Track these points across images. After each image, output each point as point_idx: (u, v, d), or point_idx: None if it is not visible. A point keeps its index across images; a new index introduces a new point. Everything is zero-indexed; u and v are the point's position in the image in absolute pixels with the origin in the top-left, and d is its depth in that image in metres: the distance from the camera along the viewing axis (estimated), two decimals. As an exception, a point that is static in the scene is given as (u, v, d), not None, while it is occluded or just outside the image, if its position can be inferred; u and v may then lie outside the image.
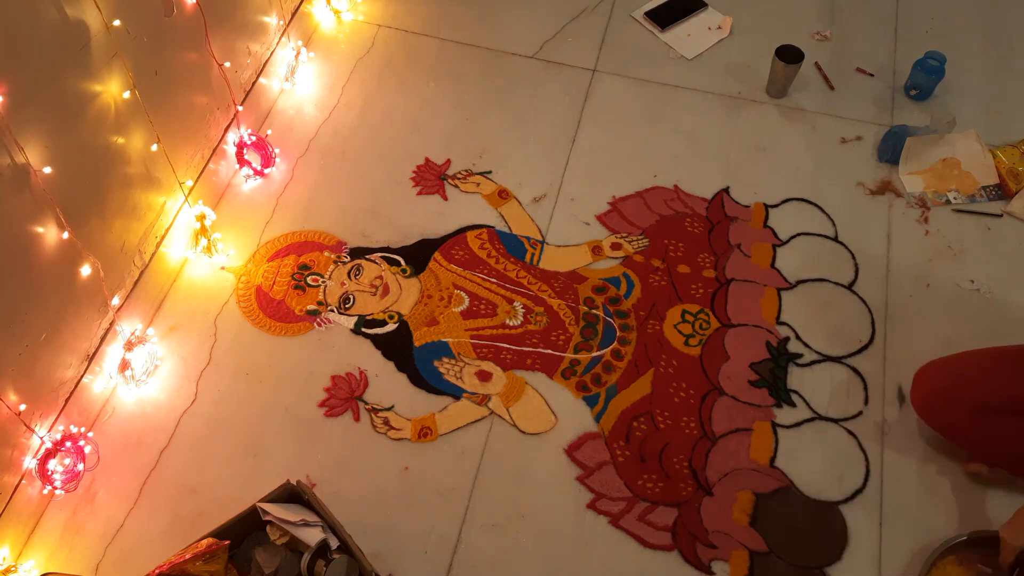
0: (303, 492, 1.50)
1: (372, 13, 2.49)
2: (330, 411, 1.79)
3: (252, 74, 2.26)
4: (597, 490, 1.69)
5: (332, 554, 1.43)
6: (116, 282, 1.85)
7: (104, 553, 1.63)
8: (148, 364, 1.84)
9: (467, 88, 2.32)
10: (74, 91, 1.58)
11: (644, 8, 2.48)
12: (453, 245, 2.03)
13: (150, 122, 1.79)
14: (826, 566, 1.60)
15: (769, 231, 2.04)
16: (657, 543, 1.62)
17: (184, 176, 1.99)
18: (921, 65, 2.20)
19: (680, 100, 2.29)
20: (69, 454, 1.67)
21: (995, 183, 2.08)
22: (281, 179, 2.15)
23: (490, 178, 2.14)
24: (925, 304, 1.91)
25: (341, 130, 2.24)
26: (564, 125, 2.24)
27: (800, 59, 2.18)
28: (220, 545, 1.40)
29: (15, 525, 1.62)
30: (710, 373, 1.82)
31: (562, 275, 1.98)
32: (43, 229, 1.56)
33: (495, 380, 1.83)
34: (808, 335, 1.87)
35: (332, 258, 2.01)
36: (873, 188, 2.10)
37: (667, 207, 2.08)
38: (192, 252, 2.01)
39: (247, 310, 1.94)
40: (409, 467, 1.72)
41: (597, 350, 1.86)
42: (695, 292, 1.94)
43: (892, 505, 1.66)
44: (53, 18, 1.49)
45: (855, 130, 2.22)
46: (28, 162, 1.48)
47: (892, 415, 1.77)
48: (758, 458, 1.71)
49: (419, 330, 1.90)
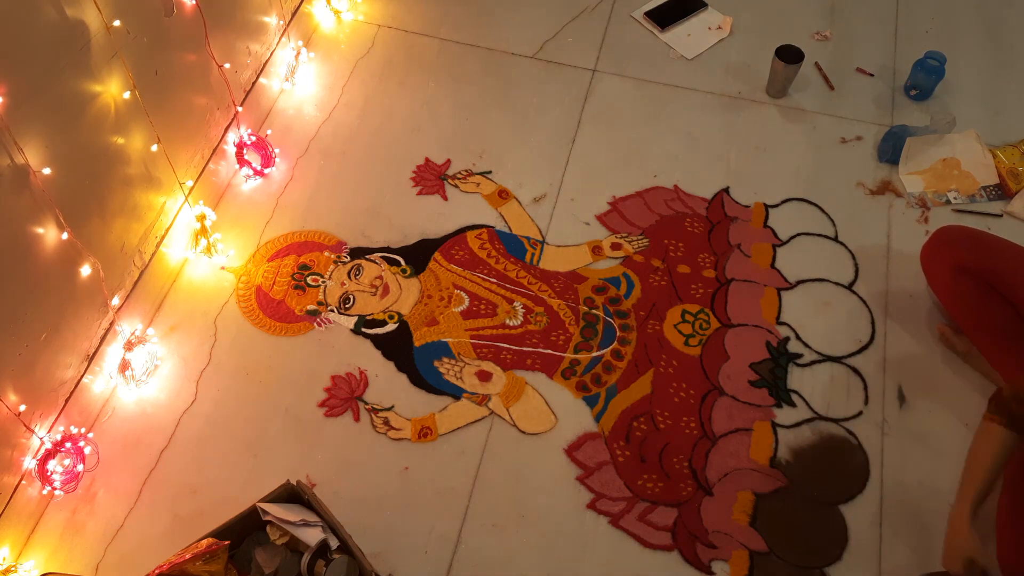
0: (303, 492, 1.50)
1: (372, 13, 2.49)
2: (330, 411, 1.79)
3: (252, 74, 2.26)
4: (597, 490, 1.69)
5: (332, 554, 1.43)
6: (116, 282, 1.85)
7: (104, 553, 1.63)
8: (148, 364, 1.84)
9: (467, 88, 2.32)
10: (74, 91, 1.58)
11: (644, 8, 2.48)
12: (453, 245, 2.03)
13: (150, 122, 1.79)
14: (826, 566, 1.60)
15: (769, 231, 2.04)
16: (657, 543, 1.62)
17: (184, 176, 1.99)
18: (921, 65, 2.20)
19: (680, 100, 2.29)
20: (69, 455, 1.67)
21: (995, 183, 2.08)
22: (281, 179, 2.15)
23: (490, 178, 2.14)
24: (925, 304, 1.91)
25: (341, 130, 2.24)
26: (564, 125, 2.24)
27: (800, 59, 2.18)
28: (220, 545, 1.40)
29: (15, 525, 1.62)
30: (710, 373, 1.82)
31: (562, 275, 1.98)
32: (43, 230, 1.56)
33: (495, 380, 1.83)
34: (808, 335, 1.87)
35: (332, 258, 2.01)
36: (873, 188, 2.10)
37: (667, 207, 2.08)
38: (192, 252, 2.01)
39: (247, 310, 1.94)
40: (409, 467, 1.72)
41: (597, 350, 1.86)
42: (695, 292, 1.94)
43: (892, 505, 1.66)
44: (53, 18, 1.49)
45: (855, 130, 2.22)
46: (28, 163, 1.48)
47: (892, 415, 1.77)
48: (758, 458, 1.71)
49: (419, 330, 1.90)
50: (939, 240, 1.77)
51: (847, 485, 1.68)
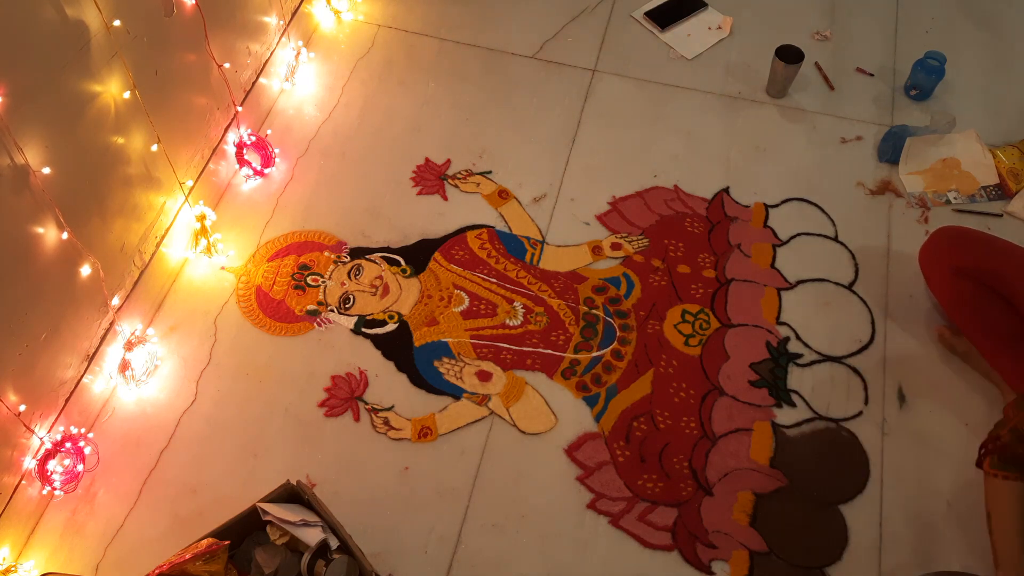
0: (303, 492, 1.50)
1: (372, 13, 2.49)
2: (330, 411, 1.79)
3: (252, 74, 2.26)
4: (597, 490, 1.69)
5: (332, 554, 1.43)
6: (116, 282, 1.85)
7: (104, 553, 1.63)
8: (148, 364, 1.84)
9: (467, 88, 2.32)
10: (74, 91, 1.58)
11: (644, 8, 2.48)
12: (453, 245, 2.03)
13: (150, 122, 1.79)
14: (826, 566, 1.60)
15: (769, 231, 2.04)
16: (657, 543, 1.62)
17: (184, 176, 1.99)
18: (921, 65, 2.20)
19: (680, 100, 2.29)
20: (69, 455, 1.67)
21: (995, 183, 2.08)
22: (281, 179, 2.15)
23: (490, 178, 2.14)
24: (925, 304, 1.91)
25: (341, 130, 2.24)
26: (564, 125, 2.24)
27: (800, 59, 2.18)
28: (220, 545, 1.40)
29: (15, 525, 1.62)
30: (710, 373, 1.82)
31: (562, 275, 1.98)
32: (43, 230, 1.56)
33: (495, 380, 1.83)
34: (808, 335, 1.87)
35: (332, 258, 2.01)
36: (873, 188, 2.10)
37: (667, 207, 2.08)
38: (192, 252, 2.01)
39: (247, 310, 1.94)
40: (409, 467, 1.72)
41: (597, 350, 1.86)
42: (695, 292, 1.94)
43: (892, 505, 1.66)
44: (53, 18, 1.49)
45: (855, 130, 2.22)
46: (28, 163, 1.48)
47: (892, 415, 1.77)
48: (758, 458, 1.71)
49: (419, 330, 1.90)
50: (937, 241, 1.77)
51: (847, 485, 1.68)
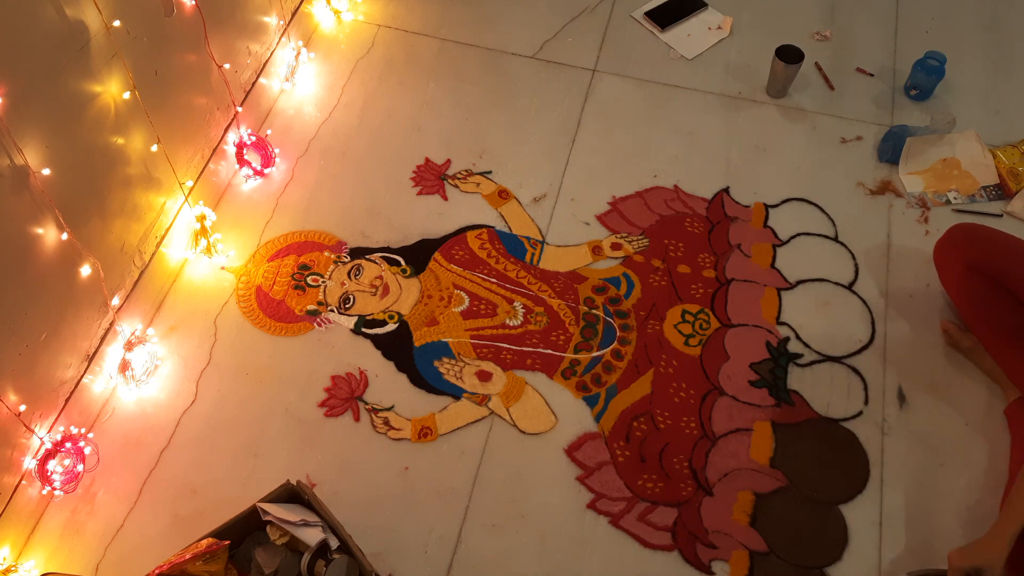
0: (303, 492, 1.50)
1: (372, 13, 2.49)
2: (330, 411, 1.79)
3: (252, 74, 2.26)
4: (597, 490, 1.69)
5: (332, 554, 1.43)
6: (116, 282, 1.85)
7: (104, 553, 1.63)
8: (148, 364, 1.84)
9: (467, 88, 2.32)
10: (74, 91, 1.58)
11: (644, 8, 2.48)
12: (453, 245, 2.03)
13: (150, 122, 1.79)
14: (826, 566, 1.60)
15: (769, 231, 2.04)
16: (657, 543, 1.62)
17: (184, 176, 1.99)
18: (921, 65, 2.20)
19: (680, 100, 2.29)
20: (69, 455, 1.67)
21: (995, 183, 2.08)
22: (281, 179, 2.15)
23: (490, 178, 2.14)
24: (925, 304, 1.91)
25: (341, 130, 2.24)
26: (564, 125, 2.24)
27: (800, 59, 2.18)
28: (220, 545, 1.40)
29: (15, 525, 1.62)
30: (710, 373, 1.82)
31: (562, 275, 1.98)
32: (43, 230, 1.56)
33: (495, 380, 1.83)
34: (808, 335, 1.87)
35: (332, 258, 2.01)
36: (873, 188, 2.10)
37: (667, 207, 2.08)
38: (192, 252, 2.01)
39: (247, 310, 1.94)
40: (409, 467, 1.72)
41: (597, 350, 1.86)
42: (695, 292, 1.94)
43: (892, 505, 1.66)
44: (53, 18, 1.49)
45: (855, 130, 2.22)
46: (27, 163, 1.48)
47: (892, 415, 1.77)
48: (758, 458, 1.71)
49: (419, 330, 1.90)
50: (954, 236, 1.77)
51: (847, 485, 1.68)
